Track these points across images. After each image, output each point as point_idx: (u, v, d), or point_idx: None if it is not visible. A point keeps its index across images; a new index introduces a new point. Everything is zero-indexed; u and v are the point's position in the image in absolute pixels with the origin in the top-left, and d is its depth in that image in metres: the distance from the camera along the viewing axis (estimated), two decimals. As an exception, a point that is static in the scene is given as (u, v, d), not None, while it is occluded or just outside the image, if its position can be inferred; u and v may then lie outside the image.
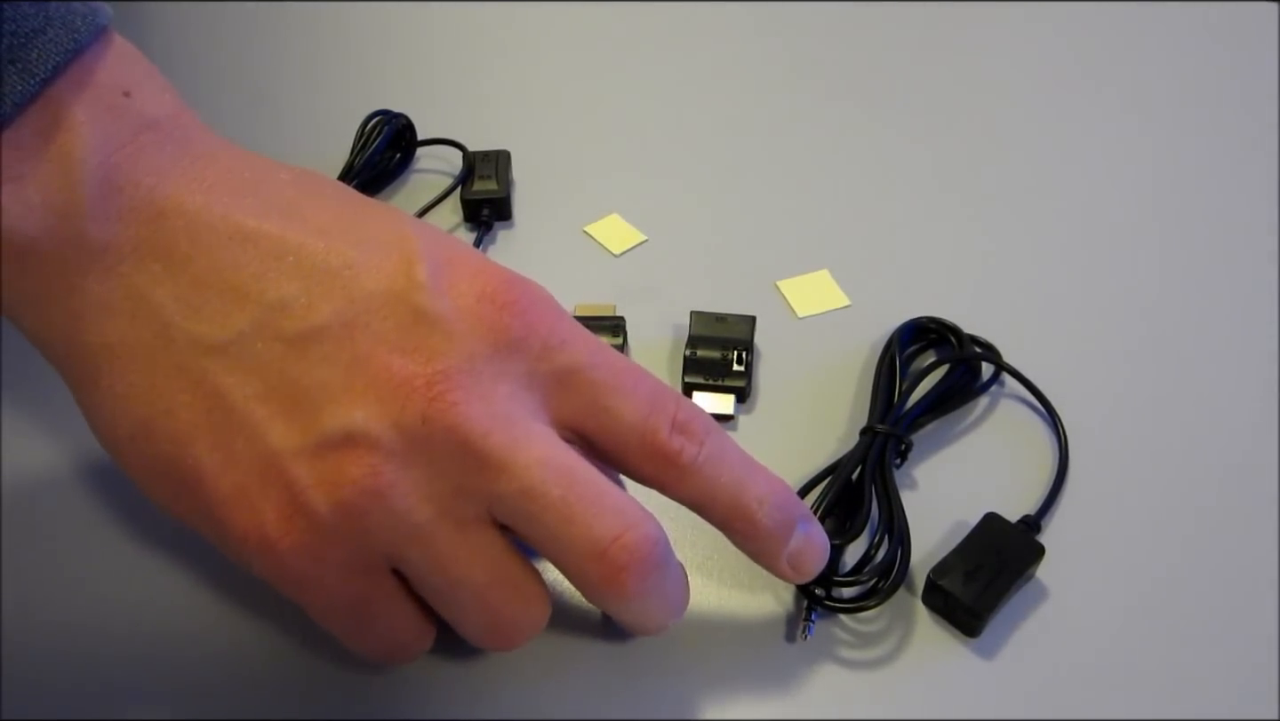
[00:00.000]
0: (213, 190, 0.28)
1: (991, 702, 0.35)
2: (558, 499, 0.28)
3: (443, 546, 0.28)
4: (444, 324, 0.28)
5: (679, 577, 0.32)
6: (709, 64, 0.58)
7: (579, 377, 0.29)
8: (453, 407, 0.27)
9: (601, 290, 0.46)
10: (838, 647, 0.36)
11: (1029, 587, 0.37)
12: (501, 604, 0.30)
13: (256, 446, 0.27)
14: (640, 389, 0.30)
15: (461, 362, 0.27)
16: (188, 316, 0.27)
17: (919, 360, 0.44)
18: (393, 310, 0.27)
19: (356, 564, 0.28)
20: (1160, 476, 0.40)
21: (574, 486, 0.28)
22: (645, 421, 0.30)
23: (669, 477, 0.31)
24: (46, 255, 0.27)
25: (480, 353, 0.28)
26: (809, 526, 0.33)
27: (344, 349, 0.27)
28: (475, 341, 0.28)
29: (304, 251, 0.28)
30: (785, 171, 0.52)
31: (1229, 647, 0.36)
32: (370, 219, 0.30)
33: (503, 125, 0.53)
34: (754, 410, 0.43)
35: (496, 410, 0.28)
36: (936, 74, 0.57)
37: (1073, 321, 0.46)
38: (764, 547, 0.32)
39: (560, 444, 0.29)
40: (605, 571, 0.28)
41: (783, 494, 0.32)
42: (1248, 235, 0.49)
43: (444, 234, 0.31)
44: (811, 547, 0.33)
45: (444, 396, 0.27)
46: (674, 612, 0.32)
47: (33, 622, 0.37)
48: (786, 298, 0.46)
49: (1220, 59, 0.58)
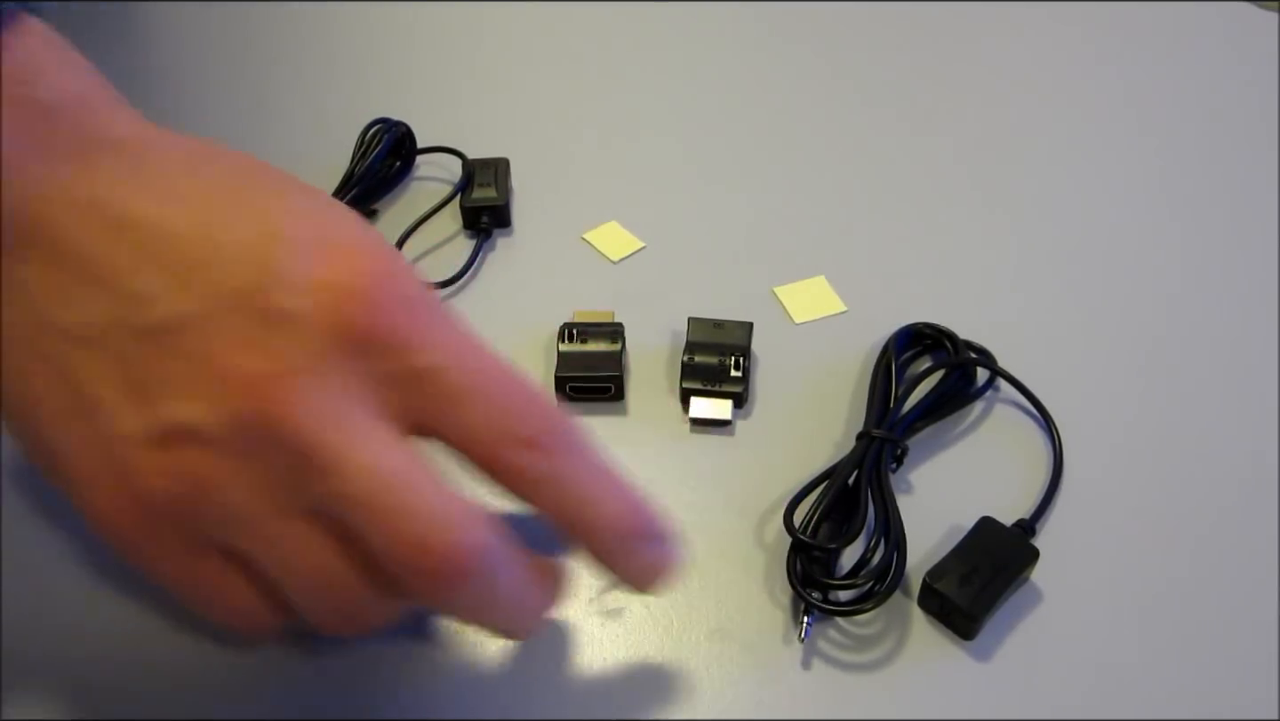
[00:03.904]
0: (97, 178, 0.29)
1: (987, 704, 0.35)
2: (380, 506, 0.28)
3: (270, 539, 0.29)
4: (293, 323, 0.28)
5: (517, 583, 0.30)
6: (707, 72, 0.58)
7: (433, 380, 0.29)
8: (289, 408, 0.27)
9: (600, 297, 0.47)
10: (834, 650, 0.36)
11: (1024, 590, 0.37)
12: (331, 595, 0.30)
13: (103, 432, 0.28)
14: (496, 397, 0.30)
15: (305, 362, 0.28)
16: (58, 305, 0.29)
17: (915, 365, 0.44)
18: (245, 308, 0.28)
19: (191, 546, 0.29)
20: (1154, 480, 0.41)
21: (395, 494, 0.28)
22: (494, 433, 0.29)
23: (512, 487, 0.30)
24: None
25: (328, 352, 0.28)
26: (659, 545, 0.32)
27: (194, 344, 0.28)
28: (324, 340, 0.28)
29: (171, 243, 0.28)
30: (782, 178, 0.52)
31: (1225, 649, 0.36)
32: (249, 201, 0.30)
33: (502, 133, 0.54)
34: (751, 415, 0.43)
35: (334, 411, 0.28)
36: (933, 81, 0.58)
37: (1067, 327, 0.46)
38: (603, 559, 0.32)
39: (395, 447, 0.28)
40: (418, 578, 0.28)
41: (632, 512, 0.31)
42: (1245, 241, 0.49)
43: (327, 209, 0.30)
44: (658, 566, 0.32)
45: (281, 397, 0.27)
46: (519, 617, 0.31)
47: (33, 622, 0.37)
48: (783, 304, 0.47)
49: (1219, 66, 0.59)
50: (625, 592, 0.37)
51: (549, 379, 0.43)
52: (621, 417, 0.43)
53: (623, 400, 0.43)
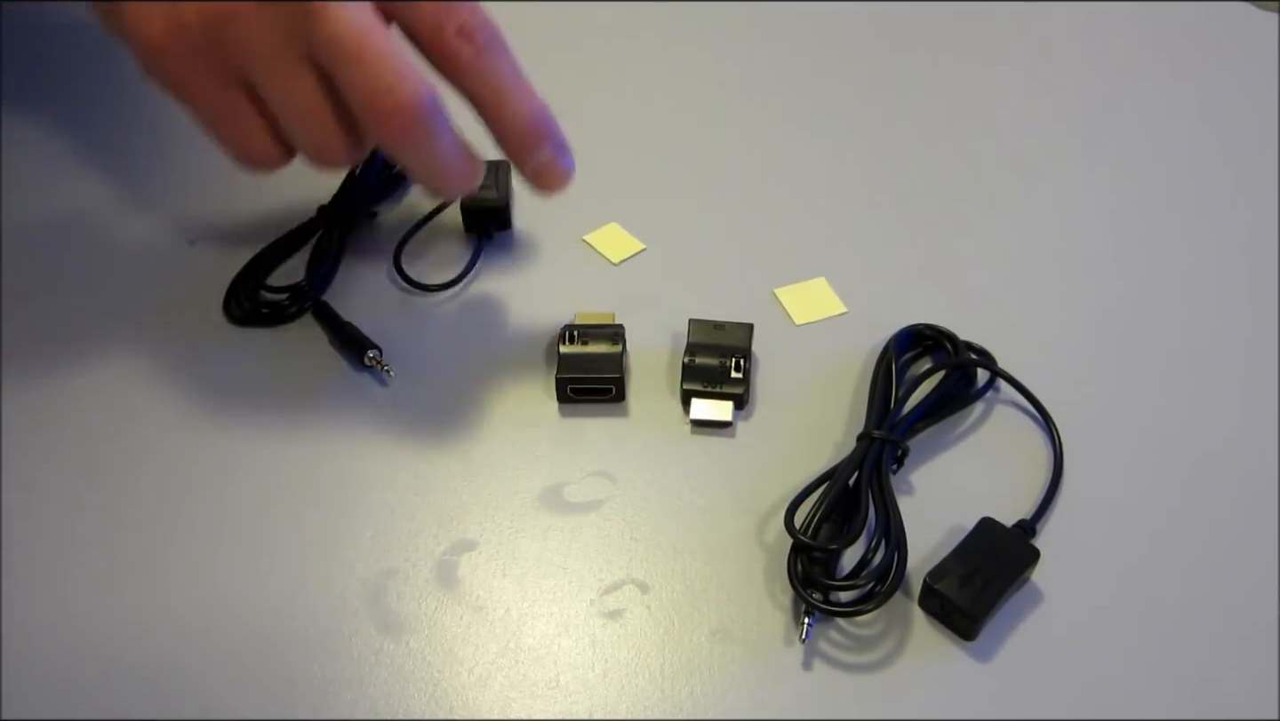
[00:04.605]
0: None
1: (987, 705, 0.35)
2: (354, 50, 0.35)
3: (280, 73, 0.37)
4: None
5: (453, 142, 0.38)
6: (707, 74, 0.58)
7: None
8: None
9: (601, 298, 0.47)
10: (835, 651, 0.36)
11: (1024, 591, 0.38)
12: (319, 129, 0.38)
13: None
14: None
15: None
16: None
17: (915, 366, 0.44)
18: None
19: (220, 74, 0.37)
20: (1154, 480, 0.41)
21: (367, 43, 0.35)
22: (436, 19, 0.37)
23: (446, 71, 0.38)
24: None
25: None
26: (561, 152, 0.40)
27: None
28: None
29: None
30: (782, 180, 0.53)
31: (1225, 649, 0.36)
32: None
33: (503, 135, 0.54)
34: (752, 416, 0.43)
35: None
36: (932, 83, 0.58)
37: (1067, 327, 0.46)
38: (511, 152, 0.39)
39: (368, 11, 0.36)
40: (377, 116, 0.36)
41: (538, 114, 0.39)
42: (1244, 243, 0.49)
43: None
44: (555, 167, 0.40)
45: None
46: (453, 173, 0.39)
47: (33, 623, 0.37)
48: (784, 305, 0.47)
49: (1219, 67, 0.59)
50: (532, 192, 0.40)
51: (550, 381, 0.43)
52: (622, 419, 0.43)
53: (624, 402, 0.43)
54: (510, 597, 0.38)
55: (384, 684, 0.36)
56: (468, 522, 0.40)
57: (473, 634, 0.37)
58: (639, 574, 0.38)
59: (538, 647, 0.37)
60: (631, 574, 0.38)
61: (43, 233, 0.49)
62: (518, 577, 0.38)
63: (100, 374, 0.44)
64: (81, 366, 0.44)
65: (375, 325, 0.45)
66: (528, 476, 0.41)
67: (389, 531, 0.39)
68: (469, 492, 0.40)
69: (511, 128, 0.39)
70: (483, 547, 0.39)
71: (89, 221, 0.50)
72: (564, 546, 0.39)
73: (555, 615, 0.37)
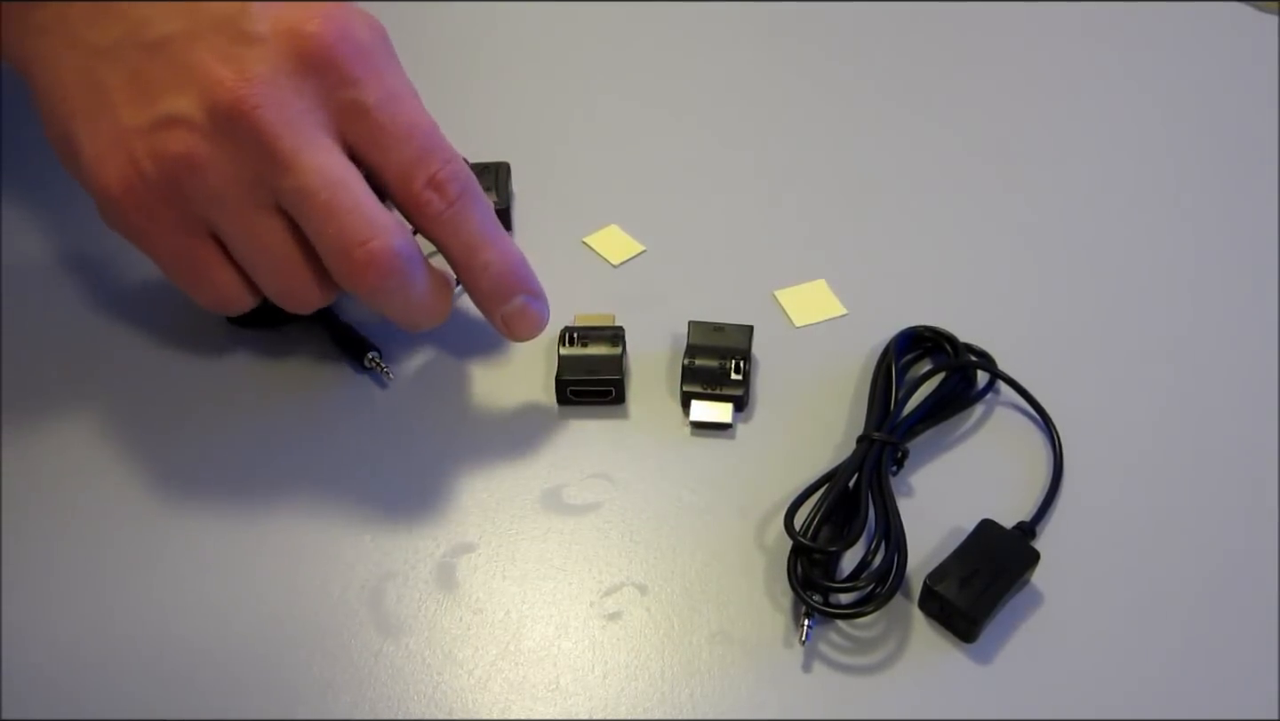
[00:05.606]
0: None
1: (987, 707, 0.35)
2: (324, 201, 0.35)
3: (244, 221, 0.36)
4: (260, 45, 0.35)
5: (425, 287, 0.38)
6: (707, 75, 0.58)
7: (364, 115, 0.36)
8: (254, 109, 0.35)
9: (601, 300, 0.47)
10: (835, 653, 0.36)
11: (1024, 593, 0.38)
12: (288, 276, 0.37)
13: (113, 123, 0.36)
14: (415, 140, 0.37)
15: (266, 74, 0.35)
16: (86, 27, 0.36)
17: (915, 368, 0.44)
18: (224, 30, 0.35)
19: (182, 224, 0.36)
20: (1154, 482, 0.41)
21: (338, 193, 0.35)
22: (408, 169, 0.37)
23: (415, 221, 0.38)
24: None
25: (284, 70, 0.35)
26: (533, 300, 0.40)
27: (184, 55, 0.35)
28: (282, 61, 0.35)
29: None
30: (782, 182, 0.53)
31: (1225, 650, 0.36)
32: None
33: (502, 137, 0.54)
34: (752, 418, 0.43)
35: (289, 118, 0.35)
36: (932, 84, 0.58)
37: (1067, 329, 0.46)
38: (479, 301, 0.40)
39: (339, 156, 0.36)
40: (351, 268, 0.36)
41: (509, 265, 0.39)
42: (1245, 243, 0.49)
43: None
44: (525, 316, 0.40)
45: (248, 98, 0.35)
46: (423, 315, 0.39)
47: (33, 623, 0.37)
48: (784, 307, 0.47)
49: (1218, 68, 0.59)
50: (502, 336, 0.41)
51: (550, 382, 0.43)
52: (622, 421, 0.43)
53: (623, 403, 0.43)
54: (510, 599, 0.38)
55: (383, 686, 0.36)
56: (467, 525, 0.40)
57: (472, 636, 0.37)
58: (639, 576, 0.38)
59: (537, 649, 0.37)
60: (631, 576, 0.38)
61: (43, 232, 0.49)
62: (517, 579, 0.38)
63: (100, 373, 0.44)
64: (81, 365, 0.44)
65: (375, 326, 0.45)
66: (527, 478, 0.41)
67: (388, 533, 0.39)
68: (468, 494, 0.41)
69: (481, 279, 0.39)
70: (482, 549, 0.39)
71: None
72: (563, 548, 0.39)
73: (555, 617, 0.37)
